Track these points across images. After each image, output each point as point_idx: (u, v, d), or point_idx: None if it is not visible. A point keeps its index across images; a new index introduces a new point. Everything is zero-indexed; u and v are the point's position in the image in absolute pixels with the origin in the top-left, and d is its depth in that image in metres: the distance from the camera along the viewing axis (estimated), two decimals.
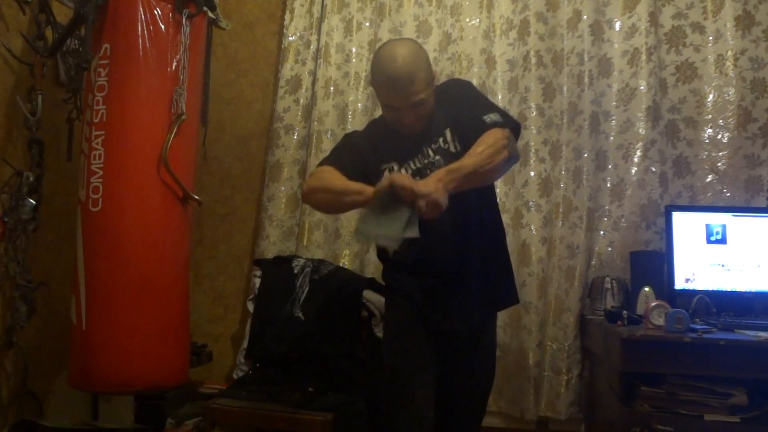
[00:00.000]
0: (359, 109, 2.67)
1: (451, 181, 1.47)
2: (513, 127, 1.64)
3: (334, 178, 1.62)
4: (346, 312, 2.37)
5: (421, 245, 1.56)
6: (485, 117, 1.60)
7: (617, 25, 2.49)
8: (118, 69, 1.96)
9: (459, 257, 1.69)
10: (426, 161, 1.69)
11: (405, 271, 1.74)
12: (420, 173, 1.65)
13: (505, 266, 1.82)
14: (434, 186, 1.43)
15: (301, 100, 2.72)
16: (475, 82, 2.58)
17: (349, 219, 2.61)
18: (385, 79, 1.61)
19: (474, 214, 1.71)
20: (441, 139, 1.69)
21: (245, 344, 2.52)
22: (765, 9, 2.39)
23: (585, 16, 2.50)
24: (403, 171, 1.68)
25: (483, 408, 1.85)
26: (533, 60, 2.52)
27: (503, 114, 1.64)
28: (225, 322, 2.80)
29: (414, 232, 1.44)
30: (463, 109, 1.66)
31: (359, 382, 2.26)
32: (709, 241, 2.21)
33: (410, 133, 1.68)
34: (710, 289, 2.17)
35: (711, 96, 2.41)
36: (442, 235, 1.66)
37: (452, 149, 1.67)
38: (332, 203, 1.66)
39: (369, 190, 1.51)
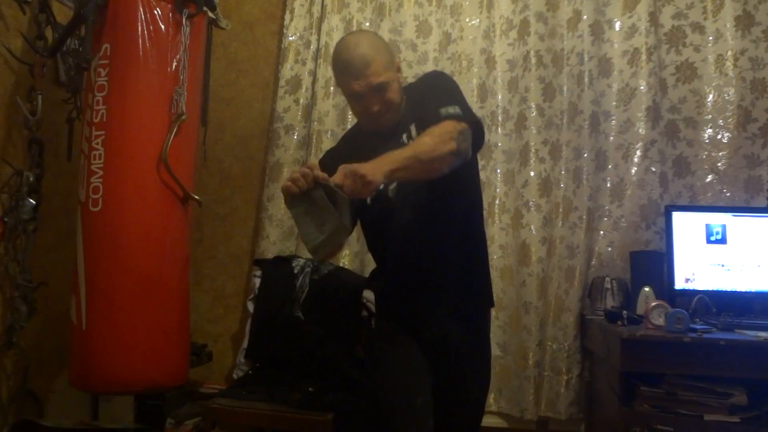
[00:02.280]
0: None
1: (388, 163, 1.39)
2: (471, 122, 1.54)
3: None
4: (346, 312, 2.37)
5: (397, 249, 1.59)
6: (442, 109, 1.53)
7: (617, 25, 2.49)
8: (118, 69, 1.96)
9: (437, 260, 1.64)
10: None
11: (385, 276, 1.72)
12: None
13: (483, 269, 1.77)
14: (360, 166, 1.34)
15: (301, 100, 2.72)
16: (475, 82, 2.59)
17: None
18: (342, 65, 1.58)
19: (450, 216, 1.65)
20: (405, 135, 1.62)
21: (245, 344, 2.52)
22: (765, 9, 2.39)
23: (585, 16, 2.50)
24: None
25: (479, 415, 1.79)
26: (533, 60, 2.52)
27: (465, 109, 1.56)
28: (225, 322, 2.80)
29: (346, 220, 1.37)
30: (426, 101, 1.60)
31: (359, 382, 2.26)
32: (709, 241, 2.21)
33: (382, 127, 1.63)
34: (710, 289, 2.17)
35: (711, 96, 2.41)
36: (418, 238, 1.62)
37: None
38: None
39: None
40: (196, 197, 2.08)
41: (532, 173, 2.49)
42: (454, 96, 1.62)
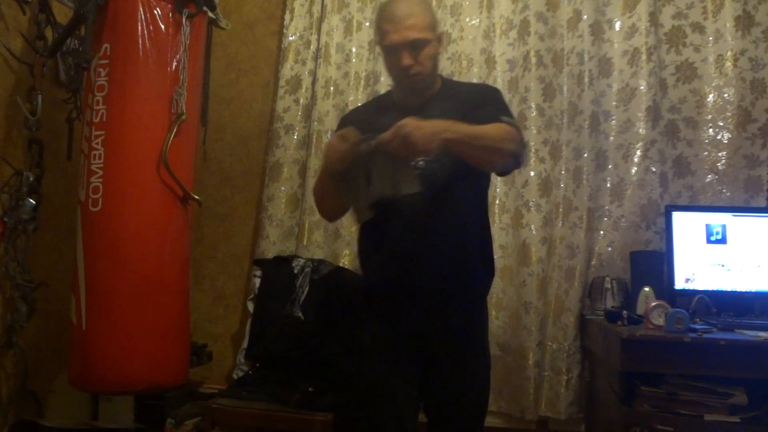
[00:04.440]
0: None
1: (448, 132, 1.43)
2: (520, 135, 1.62)
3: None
4: (346, 312, 2.37)
5: (405, 242, 1.59)
6: (504, 117, 1.59)
7: (617, 25, 2.49)
8: (118, 69, 1.96)
9: (442, 256, 1.63)
10: None
11: (383, 268, 1.69)
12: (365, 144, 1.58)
13: (488, 268, 1.79)
14: (413, 130, 1.39)
15: (301, 100, 2.72)
16: (474, 82, 2.58)
17: (349, 219, 2.61)
18: (384, 14, 1.63)
19: (463, 217, 1.66)
20: None
21: (245, 344, 2.52)
22: (765, 9, 2.39)
23: (585, 16, 2.49)
24: None
25: (479, 422, 1.77)
26: (533, 60, 2.52)
27: (515, 125, 1.63)
28: (225, 322, 2.80)
29: (412, 187, 1.41)
30: (482, 106, 1.61)
31: None
32: (709, 241, 2.21)
33: (412, 87, 1.64)
34: (710, 289, 2.17)
35: (711, 96, 2.41)
36: (429, 234, 1.61)
37: None
38: (329, 192, 1.64)
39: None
40: (196, 197, 2.08)
41: (532, 173, 2.49)
42: (512, 114, 1.68)
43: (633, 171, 2.42)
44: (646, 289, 2.12)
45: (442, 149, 1.46)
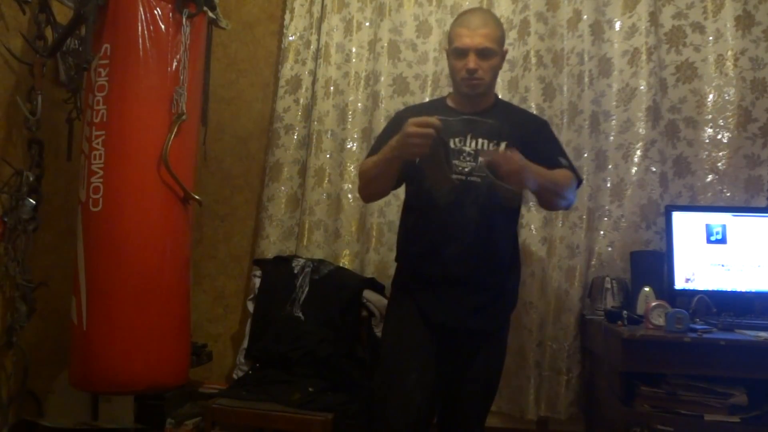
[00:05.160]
0: (359, 109, 2.67)
1: (542, 176, 1.65)
2: (579, 181, 1.86)
3: (368, 160, 1.78)
4: (346, 312, 2.37)
5: (441, 235, 1.70)
6: (560, 158, 1.80)
7: (617, 25, 2.49)
8: (118, 69, 1.96)
9: (475, 255, 1.73)
10: (462, 147, 1.73)
11: (414, 261, 1.79)
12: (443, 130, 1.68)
13: (513, 279, 1.86)
14: (529, 164, 1.60)
15: (301, 100, 2.72)
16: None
17: (349, 219, 2.62)
18: (460, 20, 1.78)
19: (497, 222, 1.76)
20: (492, 144, 1.75)
21: (245, 344, 2.52)
22: (765, 9, 2.39)
23: (585, 16, 2.49)
24: None
25: (485, 411, 1.86)
26: (533, 60, 2.52)
27: (571, 165, 1.84)
28: (225, 322, 2.80)
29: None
30: (538, 141, 1.76)
31: (359, 382, 2.26)
32: (709, 241, 2.21)
33: (469, 91, 1.76)
34: (710, 289, 2.17)
35: (711, 96, 2.41)
36: (464, 231, 1.71)
37: None
38: (379, 175, 1.72)
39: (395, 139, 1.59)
40: (196, 197, 2.08)
41: None
42: (563, 149, 1.93)
43: (633, 171, 2.42)
44: (646, 289, 2.12)
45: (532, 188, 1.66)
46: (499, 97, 1.98)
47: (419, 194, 1.76)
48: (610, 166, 2.46)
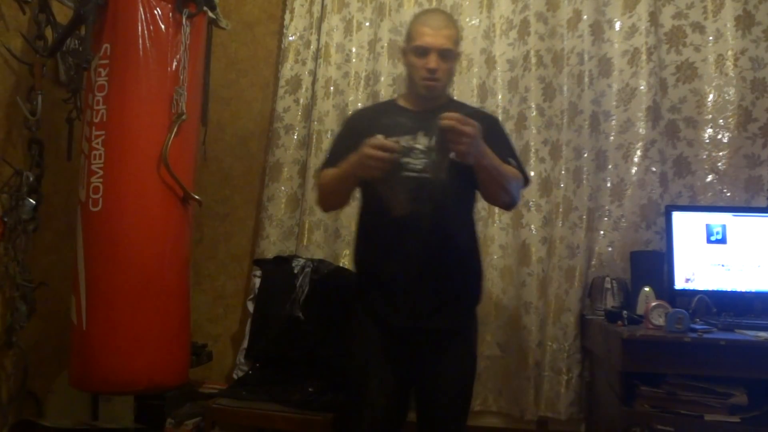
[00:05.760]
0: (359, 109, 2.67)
1: (490, 158, 1.63)
2: (526, 182, 1.88)
3: (327, 172, 1.77)
4: (346, 312, 2.37)
5: (395, 238, 1.70)
6: (510, 158, 1.79)
7: (617, 25, 2.49)
8: (118, 69, 1.96)
9: (433, 252, 1.72)
10: (413, 144, 1.69)
11: (372, 264, 1.80)
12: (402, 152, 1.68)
13: (473, 274, 1.85)
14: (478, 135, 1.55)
15: (301, 100, 2.72)
16: (475, 82, 2.59)
17: (349, 219, 2.61)
18: (422, 19, 1.79)
19: (453, 216, 1.75)
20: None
21: (245, 344, 2.52)
22: (765, 9, 2.39)
23: (585, 16, 2.49)
24: None
25: (461, 413, 1.83)
26: (533, 60, 2.52)
27: (521, 166, 1.85)
28: (225, 322, 2.79)
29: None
30: (489, 138, 1.71)
31: None
32: (709, 241, 2.21)
33: (426, 92, 1.76)
34: (710, 289, 2.17)
35: (711, 96, 2.41)
36: (419, 230, 1.70)
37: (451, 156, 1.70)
38: (338, 190, 1.75)
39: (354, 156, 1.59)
40: (196, 197, 2.08)
41: (532, 173, 2.48)
42: (513, 148, 1.90)
43: (633, 171, 2.42)
44: (646, 289, 2.12)
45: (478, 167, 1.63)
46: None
47: (373, 198, 1.73)
48: (610, 166, 2.46)
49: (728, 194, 2.37)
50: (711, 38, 2.42)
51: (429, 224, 1.68)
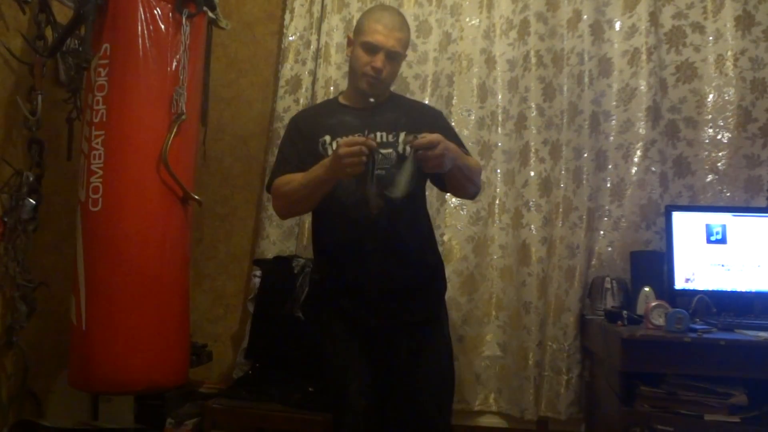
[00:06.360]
0: None
1: (459, 157, 1.66)
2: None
3: (292, 180, 1.73)
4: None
5: (353, 238, 1.71)
6: (462, 147, 1.80)
7: (617, 25, 2.49)
8: (118, 69, 1.96)
9: (388, 252, 1.73)
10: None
11: (334, 265, 1.80)
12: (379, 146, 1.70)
13: (437, 263, 1.88)
14: (448, 142, 1.60)
15: (301, 100, 2.72)
16: (475, 82, 2.59)
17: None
18: (376, 15, 1.78)
19: (409, 208, 1.76)
20: (391, 136, 1.76)
21: (245, 344, 2.52)
22: (765, 9, 2.39)
23: (585, 16, 2.49)
24: (335, 145, 1.74)
25: (446, 402, 1.84)
26: (533, 60, 2.52)
27: (468, 153, 1.87)
28: (225, 322, 2.79)
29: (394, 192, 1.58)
30: (435, 131, 1.72)
31: None
32: (709, 241, 2.21)
33: (369, 90, 1.77)
34: (710, 289, 2.17)
35: (711, 96, 2.41)
36: (374, 229, 1.71)
37: (400, 150, 1.74)
38: (309, 196, 1.71)
39: (325, 162, 1.61)
40: (196, 197, 2.08)
41: (532, 173, 2.49)
42: (461, 141, 1.89)
43: (633, 171, 2.42)
44: (646, 289, 2.12)
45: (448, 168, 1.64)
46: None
47: (331, 198, 1.73)
48: (610, 166, 2.46)
49: (728, 194, 2.37)
50: (711, 38, 2.42)
51: (385, 218, 1.69)
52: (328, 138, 1.77)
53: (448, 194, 2.35)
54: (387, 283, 1.74)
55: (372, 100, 1.78)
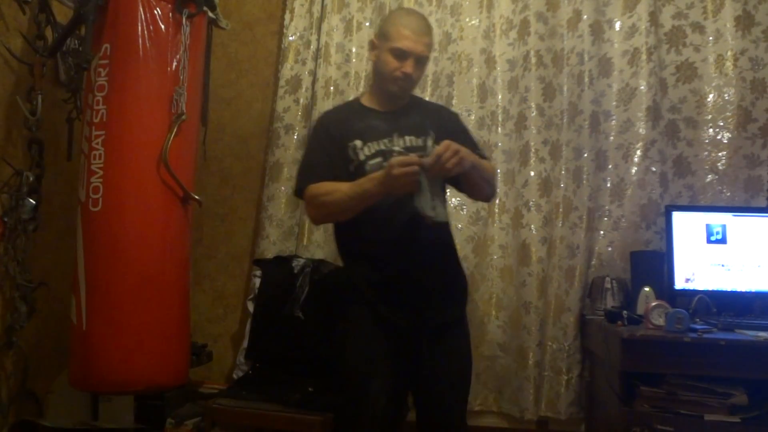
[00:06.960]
0: None
1: (475, 159, 1.67)
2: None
3: (334, 191, 1.71)
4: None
5: (391, 240, 1.73)
6: (478, 149, 1.82)
7: (617, 25, 2.49)
8: (118, 69, 1.96)
9: (416, 252, 1.74)
10: (391, 147, 1.75)
11: (365, 264, 1.79)
12: (382, 155, 1.73)
13: (456, 271, 1.89)
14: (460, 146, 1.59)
15: (301, 100, 2.72)
16: (475, 82, 2.59)
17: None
18: (405, 20, 1.79)
19: (444, 228, 1.80)
20: (420, 140, 1.75)
21: (245, 344, 2.52)
22: (765, 9, 2.39)
23: (585, 16, 2.49)
24: (366, 149, 1.75)
25: (464, 403, 1.85)
26: (533, 60, 2.52)
27: (485, 156, 1.89)
28: (225, 322, 2.79)
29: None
30: (456, 133, 1.77)
31: None
32: (709, 241, 2.21)
33: (397, 92, 1.80)
34: (710, 289, 2.17)
35: (711, 96, 2.41)
36: (402, 230, 1.73)
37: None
38: (354, 207, 1.70)
39: (376, 177, 1.62)
40: (196, 197, 2.08)
41: (532, 173, 2.49)
42: (477, 143, 1.93)
43: (633, 171, 2.42)
44: (646, 289, 2.12)
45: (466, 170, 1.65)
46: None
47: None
48: (610, 166, 2.46)
49: (728, 194, 2.37)
50: (711, 38, 2.42)
51: (414, 221, 1.69)
52: (359, 143, 1.76)
53: (448, 194, 2.35)
54: (421, 284, 1.75)
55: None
